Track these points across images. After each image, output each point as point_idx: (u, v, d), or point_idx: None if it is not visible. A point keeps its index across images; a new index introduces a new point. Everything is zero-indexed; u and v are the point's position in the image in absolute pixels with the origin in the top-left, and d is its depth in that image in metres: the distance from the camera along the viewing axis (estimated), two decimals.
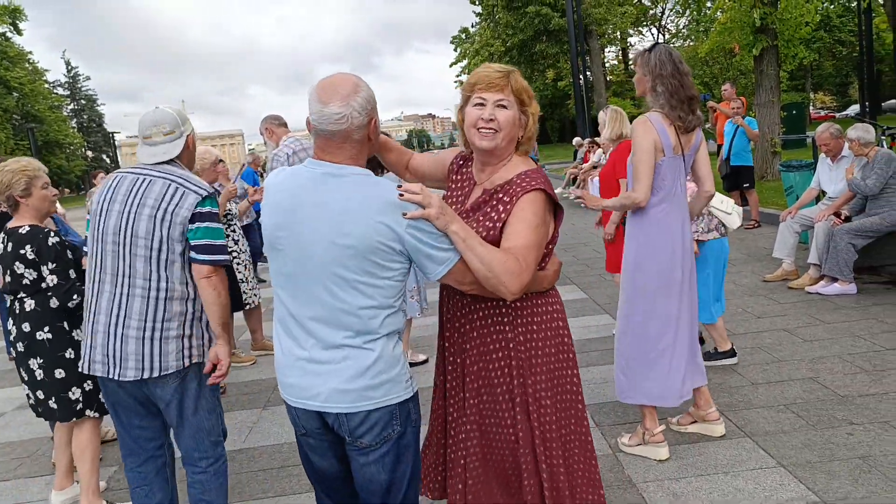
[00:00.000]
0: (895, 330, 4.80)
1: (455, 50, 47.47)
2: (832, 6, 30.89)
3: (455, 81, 49.66)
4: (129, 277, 2.55)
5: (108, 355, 2.56)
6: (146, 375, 2.55)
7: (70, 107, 70.13)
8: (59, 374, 3.25)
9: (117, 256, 2.56)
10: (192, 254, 2.56)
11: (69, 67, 72.94)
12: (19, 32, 57.97)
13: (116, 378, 2.57)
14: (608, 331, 5.50)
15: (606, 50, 45.12)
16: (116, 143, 65.70)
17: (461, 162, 2.32)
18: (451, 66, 47.13)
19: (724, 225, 4.29)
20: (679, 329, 3.29)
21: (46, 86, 62.15)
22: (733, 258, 7.65)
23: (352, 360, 1.90)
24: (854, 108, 31.59)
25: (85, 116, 71.97)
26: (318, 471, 2.13)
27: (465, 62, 45.55)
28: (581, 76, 16.09)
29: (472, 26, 42.16)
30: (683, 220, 3.28)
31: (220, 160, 5.65)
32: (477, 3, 30.72)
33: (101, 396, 3.25)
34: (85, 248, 2.95)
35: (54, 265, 3.19)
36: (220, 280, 2.59)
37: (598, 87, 25.89)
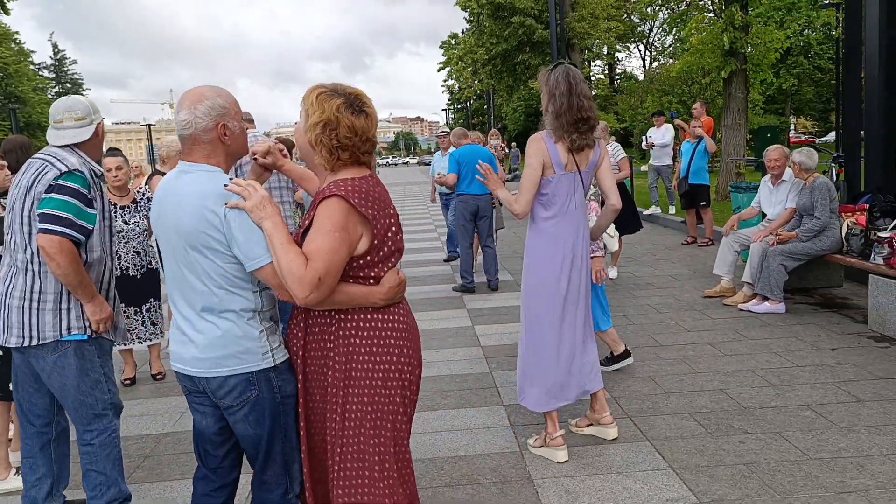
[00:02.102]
0: (811, 348, 5.02)
1: (444, 55, 47.85)
2: (813, 33, 31.49)
3: (442, 86, 49.95)
4: (14, 252, 2.78)
5: (2, 323, 2.80)
6: (25, 343, 2.74)
7: (55, 89, 69.50)
8: None
9: (10, 233, 2.80)
10: (38, 223, 2.69)
11: (56, 50, 72.39)
12: (6, 11, 57.36)
13: (4, 345, 2.80)
14: None
15: (593, 64, 45.61)
16: None
17: None
18: (438, 70, 47.50)
19: (605, 246, 4.50)
20: (563, 338, 3.46)
21: (32, 67, 61.51)
22: (679, 273, 7.90)
23: (203, 334, 2.18)
24: (834, 135, 32.21)
25: None
26: (200, 431, 2.38)
27: (449, 68, 45.85)
28: None
29: (463, 32, 42.47)
30: (577, 234, 3.42)
31: None
32: (466, 10, 31.02)
33: None
34: None
35: None
36: (58, 251, 2.64)
37: None
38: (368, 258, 2.15)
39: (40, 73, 65.24)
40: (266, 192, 2.11)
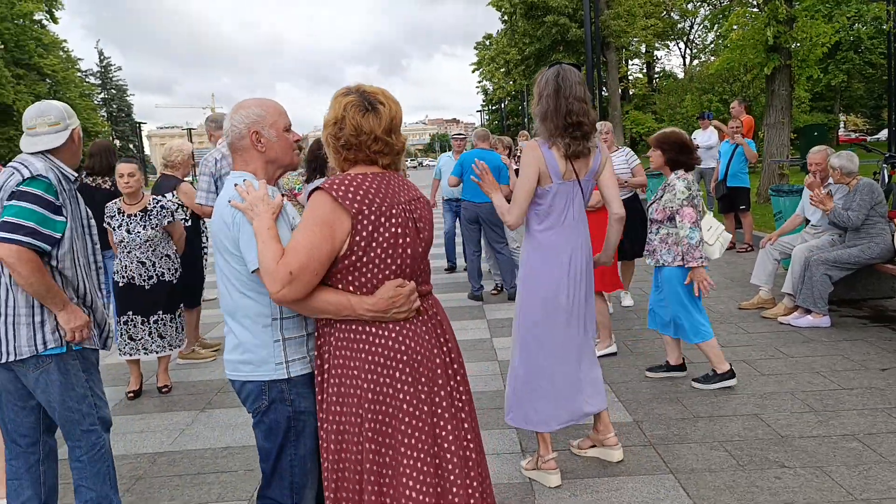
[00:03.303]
0: (859, 368, 4.60)
1: (476, 56, 47.53)
2: (863, 27, 30.26)
3: (477, 87, 49.52)
4: None
5: None
6: (3, 360, 2.61)
7: (101, 96, 71.42)
8: None
9: None
10: None
11: (102, 57, 74.38)
12: (55, 21, 59.09)
13: None
14: None
15: (630, 63, 44.79)
16: (144, 133, 66.55)
17: None
18: (473, 71, 47.14)
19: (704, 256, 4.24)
20: (564, 355, 3.24)
21: (79, 74, 63.25)
22: (714, 282, 7.45)
23: (229, 336, 2.21)
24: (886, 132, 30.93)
25: (114, 106, 73.34)
26: None
27: (481, 69, 45.51)
28: (598, 89, 15.77)
29: (497, 33, 42.09)
30: (575, 246, 3.21)
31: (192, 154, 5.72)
32: (500, 10, 30.61)
33: None
34: None
35: None
36: (17, 260, 2.49)
37: (614, 101, 25.49)
38: (354, 258, 1.99)
39: (87, 79, 67.04)
40: (264, 193, 2.07)
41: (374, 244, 1.99)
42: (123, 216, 4.74)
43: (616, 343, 5.31)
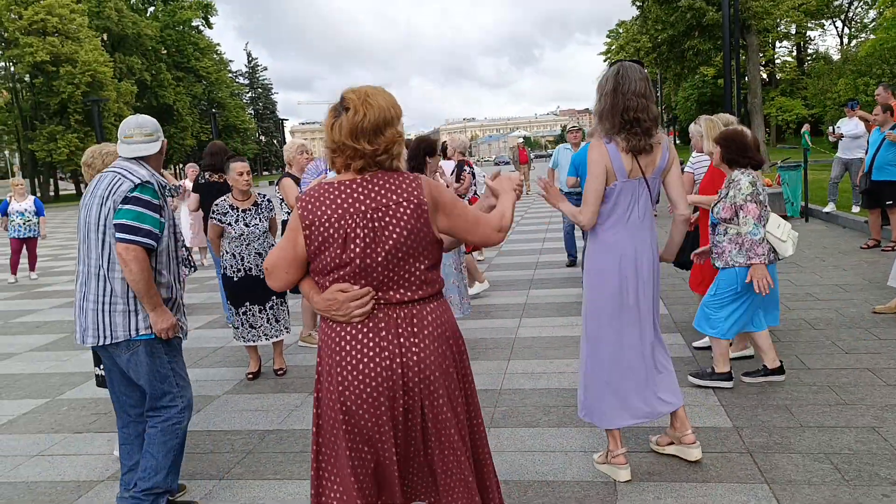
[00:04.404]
0: None
1: (604, 45, 46.31)
2: None
3: None
4: (87, 258, 2.98)
5: (80, 325, 3.02)
6: (100, 343, 2.96)
7: (248, 95, 76.94)
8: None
9: (84, 243, 3.00)
10: (114, 232, 2.89)
11: (250, 59, 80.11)
12: (210, 26, 64.08)
13: (83, 344, 3.00)
14: (675, 352, 5.19)
15: (778, 45, 41.75)
16: (287, 129, 70.78)
17: None
18: (604, 60, 45.81)
19: (774, 251, 4.01)
20: (631, 355, 3.21)
21: (230, 75, 68.29)
22: (849, 283, 6.90)
23: None
24: None
25: (260, 104, 78.82)
26: None
27: (610, 57, 44.15)
28: (734, 75, 14.71)
29: (631, 19, 40.71)
30: (639, 245, 3.14)
31: (305, 150, 5.96)
32: None
33: None
34: None
35: None
36: (133, 258, 2.85)
37: (754, 87, 23.77)
38: (313, 262, 2.19)
39: (236, 80, 72.20)
40: None
41: (322, 250, 2.13)
42: (238, 211, 5.09)
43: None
